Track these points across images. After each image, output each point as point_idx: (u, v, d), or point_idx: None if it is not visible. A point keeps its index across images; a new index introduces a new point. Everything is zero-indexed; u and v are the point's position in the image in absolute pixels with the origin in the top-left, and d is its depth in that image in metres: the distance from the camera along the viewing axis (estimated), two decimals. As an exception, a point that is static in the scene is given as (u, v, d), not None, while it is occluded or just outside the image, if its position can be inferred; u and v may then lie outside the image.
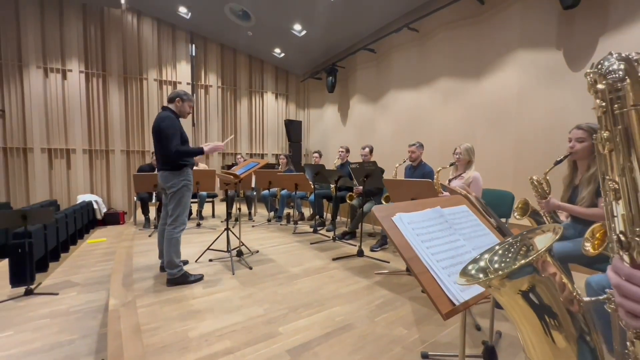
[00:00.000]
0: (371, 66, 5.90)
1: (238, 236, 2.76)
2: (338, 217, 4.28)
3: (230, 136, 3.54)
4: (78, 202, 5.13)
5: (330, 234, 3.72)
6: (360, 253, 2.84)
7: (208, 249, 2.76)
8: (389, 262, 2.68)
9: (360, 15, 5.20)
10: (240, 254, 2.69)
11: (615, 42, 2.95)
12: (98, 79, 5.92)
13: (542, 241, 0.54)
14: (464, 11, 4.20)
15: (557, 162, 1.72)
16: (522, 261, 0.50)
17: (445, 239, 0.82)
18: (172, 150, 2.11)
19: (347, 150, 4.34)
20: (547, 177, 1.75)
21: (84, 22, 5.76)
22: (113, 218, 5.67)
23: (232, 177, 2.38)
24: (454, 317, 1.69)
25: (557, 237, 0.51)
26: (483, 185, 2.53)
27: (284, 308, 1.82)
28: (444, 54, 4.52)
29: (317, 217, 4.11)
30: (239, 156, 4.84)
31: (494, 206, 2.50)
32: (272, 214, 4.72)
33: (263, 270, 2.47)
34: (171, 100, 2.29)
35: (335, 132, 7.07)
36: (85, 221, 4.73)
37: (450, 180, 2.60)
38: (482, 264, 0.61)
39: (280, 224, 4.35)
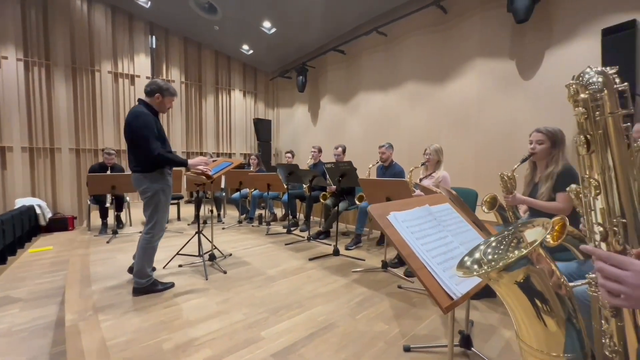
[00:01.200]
0: (341, 67, 5.98)
1: (210, 239, 2.63)
2: (311, 217, 4.29)
3: (217, 158, 3.35)
4: (17, 207, 4.53)
5: (304, 234, 3.71)
6: (336, 252, 2.87)
7: (177, 254, 2.60)
8: (364, 260, 2.74)
9: (331, 16, 5.25)
10: (212, 257, 2.57)
11: (558, 56, 3.30)
12: (40, 69, 5.30)
13: (532, 234, 0.58)
14: (429, 19, 4.44)
15: (523, 161, 1.88)
16: (518, 254, 0.54)
17: (435, 236, 0.86)
18: (154, 154, 1.93)
19: (320, 150, 4.36)
20: (515, 174, 1.90)
21: (22, 4, 5.11)
22: (60, 224, 5.09)
23: (204, 177, 2.27)
24: (430, 310, 1.79)
25: (547, 232, 0.55)
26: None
27: (264, 311, 1.78)
28: (411, 59, 4.73)
29: (291, 217, 4.07)
30: (208, 156, 4.62)
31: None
32: (243, 215, 4.58)
33: (238, 273, 2.39)
34: (149, 94, 2.05)
35: (305, 132, 7.07)
36: (26, 228, 4.19)
37: (421, 180, 2.73)
38: (477, 256, 0.65)
39: (252, 226, 4.24)
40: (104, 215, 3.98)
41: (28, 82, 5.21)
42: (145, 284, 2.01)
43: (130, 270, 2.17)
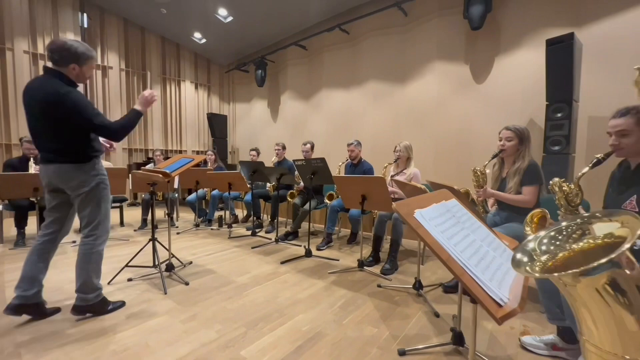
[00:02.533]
0: (302, 63, 5.84)
1: (167, 246, 2.30)
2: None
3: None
4: None
5: (271, 235, 3.52)
6: (308, 253, 2.74)
7: (127, 265, 2.21)
8: (338, 260, 2.66)
9: (293, 9, 5.08)
10: (170, 267, 2.25)
11: (506, 62, 3.60)
12: None
13: (602, 229, 0.53)
14: (390, 20, 4.54)
15: (494, 156, 1.96)
16: (605, 259, 0.47)
17: (460, 235, 0.79)
18: (114, 128, 1.59)
19: (284, 147, 4.18)
20: (486, 170, 1.97)
21: None
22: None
23: (160, 175, 1.95)
24: (413, 308, 1.77)
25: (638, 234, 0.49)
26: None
27: (241, 326, 1.57)
28: (372, 58, 4.79)
29: (255, 218, 3.82)
30: (157, 153, 4.11)
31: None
32: (200, 218, 4.18)
33: (203, 284, 2.12)
34: (60, 63, 1.55)
35: (264, 129, 6.77)
36: None
37: (392, 176, 2.74)
38: (542, 252, 0.57)
39: (212, 229, 3.88)
40: (20, 222, 3.23)
41: None
42: (93, 301, 1.65)
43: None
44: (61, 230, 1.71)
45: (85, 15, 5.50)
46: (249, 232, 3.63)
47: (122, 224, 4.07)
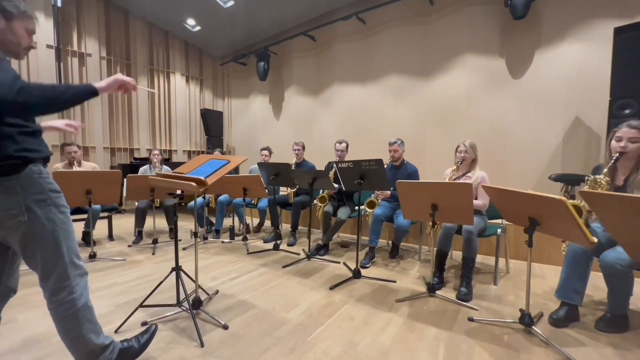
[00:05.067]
0: (310, 55, 5.36)
1: (193, 276, 1.76)
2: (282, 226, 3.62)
3: (152, 90, 2.37)
4: None
5: (295, 249, 3.03)
6: (357, 274, 2.28)
7: (141, 305, 1.64)
8: (395, 282, 2.22)
9: (304, -6, 4.59)
10: (198, 304, 1.71)
11: (548, 55, 3.33)
12: None
13: None
14: (414, 9, 4.17)
15: (615, 161, 1.60)
16: None
17: None
18: (8, 84, 0.85)
19: (304, 147, 3.70)
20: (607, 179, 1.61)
21: None
22: None
23: (193, 183, 1.43)
24: (539, 354, 1.37)
25: None
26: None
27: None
28: (392, 50, 4.41)
29: (274, 228, 3.31)
30: (156, 152, 3.48)
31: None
32: (203, 228, 3.59)
33: (247, 326, 1.61)
34: None
35: (266, 127, 6.22)
36: None
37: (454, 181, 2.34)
38: None
39: (223, 242, 3.33)
40: None
41: None
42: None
43: None
44: None
45: (55, -7, 4.71)
46: (269, 245, 3.11)
47: (111, 237, 3.41)
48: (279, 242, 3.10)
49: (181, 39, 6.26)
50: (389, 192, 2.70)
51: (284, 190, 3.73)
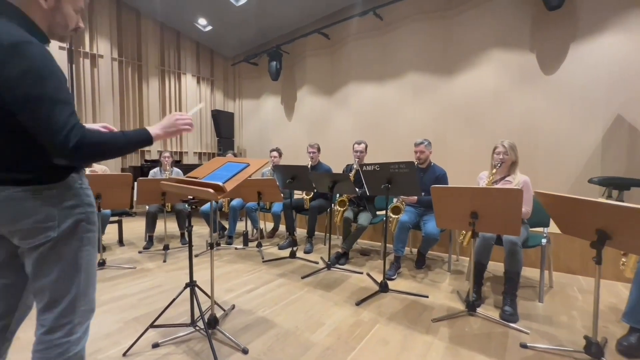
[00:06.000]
0: (324, 54, 5.19)
1: (208, 291, 1.59)
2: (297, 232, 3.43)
3: (200, 104, 2.25)
4: None
5: (312, 256, 2.85)
6: (384, 287, 2.08)
7: (152, 326, 1.49)
8: (427, 297, 2.01)
9: (318, -9, 4.43)
10: (214, 323, 1.54)
11: (584, 49, 3.07)
12: None
13: None
14: (434, 2, 3.96)
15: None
16: None
17: None
18: (64, 134, 0.72)
19: (319, 149, 3.51)
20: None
21: None
22: None
23: (211, 190, 1.27)
24: None
25: None
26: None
27: None
28: (412, 46, 4.20)
29: (288, 234, 3.14)
30: (166, 155, 3.35)
31: (537, 211, 2.15)
32: (215, 233, 3.45)
33: (269, 349, 1.43)
34: None
35: (277, 128, 6.08)
36: None
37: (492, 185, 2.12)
38: None
39: (236, 248, 3.17)
40: None
41: None
42: None
43: None
44: (12, 314, 0.90)
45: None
46: (284, 252, 2.94)
47: (121, 242, 3.30)
48: (295, 249, 2.92)
49: (192, 39, 6.18)
50: (415, 197, 2.50)
51: (298, 194, 3.56)
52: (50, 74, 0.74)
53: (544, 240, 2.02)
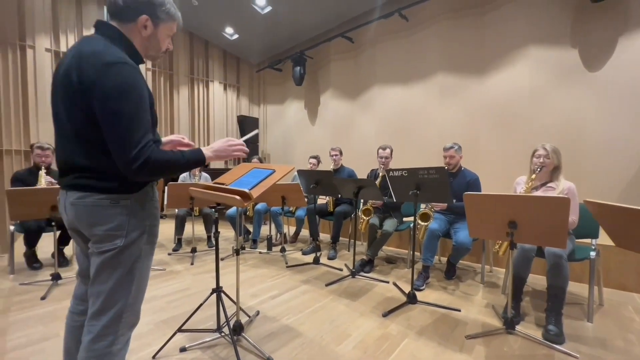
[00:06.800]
0: (348, 57, 5.16)
1: (233, 297, 1.60)
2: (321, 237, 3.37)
3: (255, 130, 2.30)
4: None
5: (336, 263, 2.80)
6: (412, 299, 1.99)
7: (180, 330, 1.51)
8: (459, 310, 1.90)
9: (342, -5, 4.42)
10: (239, 329, 1.54)
11: (636, 44, 2.80)
12: (-60, 37, 3.75)
13: None
14: (464, 1, 3.81)
15: None
16: None
17: None
18: (134, 152, 0.79)
19: (341, 153, 3.47)
20: None
21: None
22: (-30, 255, 3.57)
23: (237, 197, 1.27)
24: None
25: None
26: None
27: None
28: (439, 47, 4.06)
29: (312, 239, 3.11)
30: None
31: (584, 220, 1.95)
32: (241, 237, 3.50)
33: (294, 359, 1.40)
34: (124, 13, 0.89)
35: (301, 132, 6.11)
36: None
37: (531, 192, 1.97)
38: None
39: (260, 252, 3.19)
40: (31, 242, 2.68)
41: None
42: None
43: None
44: None
45: (110, 9, 5.01)
46: (308, 258, 2.91)
47: (152, 244, 3.44)
48: (318, 254, 2.89)
49: (220, 47, 6.40)
50: (444, 203, 2.38)
51: (322, 198, 3.53)
52: (134, 93, 0.82)
53: (592, 253, 1.84)
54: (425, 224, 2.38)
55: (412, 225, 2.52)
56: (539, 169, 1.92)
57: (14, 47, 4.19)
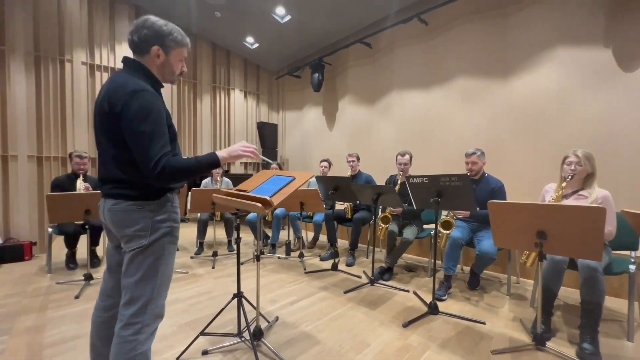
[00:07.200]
0: (367, 63, 5.16)
1: (254, 303, 1.63)
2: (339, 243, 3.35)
3: (274, 163, 2.39)
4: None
5: (354, 269, 2.78)
6: (433, 309, 1.93)
7: (202, 333, 1.56)
8: (484, 323, 1.82)
9: (360, 1, 4.44)
10: (259, 335, 1.56)
11: (678, 40, 2.62)
12: (-9, 55, 4.11)
13: None
14: (487, 2, 3.72)
15: None
16: None
17: None
18: (153, 162, 0.93)
19: (358, 159, 3.46)
20: None
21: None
22: (13, 252, 3.85)
23: (259, 205, 1.30)
24: None
25: None
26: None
27: None
28: (460, 50, 3.97)
29: (330, 245, 3.11)
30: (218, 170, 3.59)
31: (622, 231, 1.82)
32: (260, 242, 3.56)
33: (310, 366, 1.40)
34: (139, 47, 1.05)
35: (319, 138, 6.15)
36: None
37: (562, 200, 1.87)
38: None
39: (279, 257, 3.23)
40: (71, 243, 2.88)
41: (-28, 70, 4.00)
42: None
43: None
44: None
45: (140, 23, 5.31)
46: (326, 264, 2.91)
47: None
48: (336, 261, 2.87)
49: (241, 56, 6.60)
50: (467, 211, 2.31)
51: (339, 204, 3.52)
52: (153, 114, 0.97)
53: (632, 267, 1.71)
54: (447, 232, 2.32)
55: (432, 232, 2.46)
56: (570, 177, 1.82)
57: (54, 62, 4.52)
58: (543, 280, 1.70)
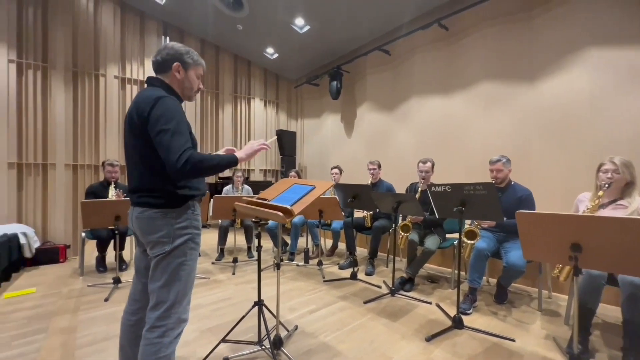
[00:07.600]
0: (385, 70, 5.14)
1: (274, 310, 1.63)
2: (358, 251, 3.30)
3: (274, 137, 2.48)
4: (-6, 238, 3.55)
5: (374, 279, 2.72)
6: (458, 323, 1.86)
7: (224, 340, 1.58)
8: (514, 340, 1.72)
9: (378, 10, 4.46)
10: (279, 343, 1.56)
11: None
12: (36, 72, 4.46)
13: None
14: (510, 5, 3.62)
15: None
16: None
17: None
18: (178, 155, 0.98)
19: (380, 166, 3.43)
20: None
21: (18, 1, 4.36)
22: (49, 255, 4.10)
23: (280, 214, 1.32)
24: None
25: None
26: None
27: None
28: (483, 54, 3.86)
29: (349, 254, 3.07)
30: (239, 174, 3.68)
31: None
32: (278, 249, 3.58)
33: (331, 378, 1.38)
34: (162, 66, 1.18)
35: (337, 145, 6.16)
36: (4, 264, 3.20)
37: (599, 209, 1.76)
38: None
39: (297, 265, 3.23)
40: (103, 248, 3.06)
41: (20, 87, 4.36)
42: None
43: None
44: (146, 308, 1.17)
45: (167, 38, 5.61)
46: (345, 273, 2.87)
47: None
48: (356, 269, 2.84)
49: (261, 66, 6.78)
50: (493, 221, 2.21)
51: (358, 212, 3.49)
52: (176, 115, 1.06)
53: (681, 284, 1.57)
54: (472, 242, 2.23)
55: (455, 242, 2.38)
56: (606, 185, 1.71)
57: (90, 76, 4.84)
58: (579, 296, 1.59)
